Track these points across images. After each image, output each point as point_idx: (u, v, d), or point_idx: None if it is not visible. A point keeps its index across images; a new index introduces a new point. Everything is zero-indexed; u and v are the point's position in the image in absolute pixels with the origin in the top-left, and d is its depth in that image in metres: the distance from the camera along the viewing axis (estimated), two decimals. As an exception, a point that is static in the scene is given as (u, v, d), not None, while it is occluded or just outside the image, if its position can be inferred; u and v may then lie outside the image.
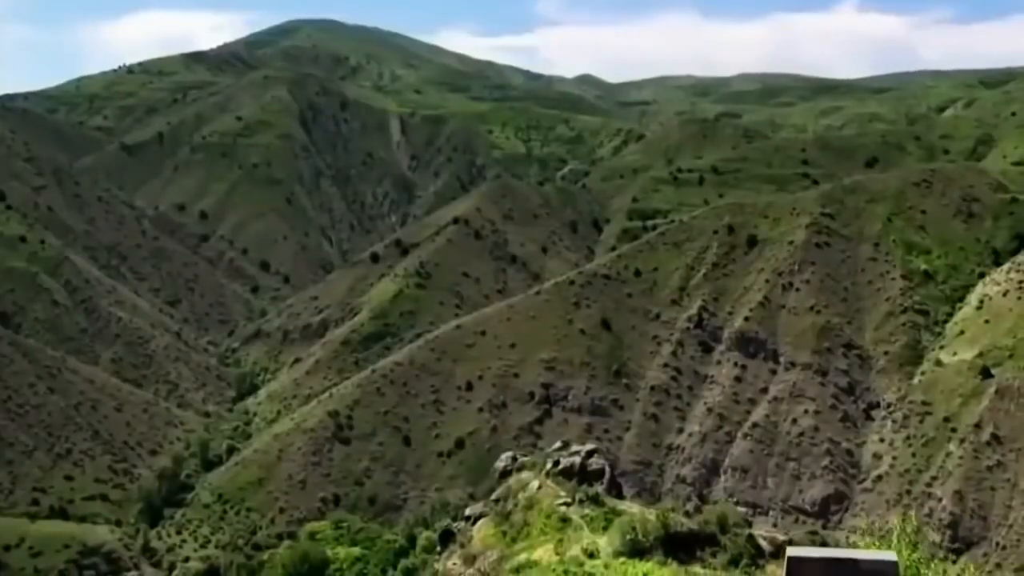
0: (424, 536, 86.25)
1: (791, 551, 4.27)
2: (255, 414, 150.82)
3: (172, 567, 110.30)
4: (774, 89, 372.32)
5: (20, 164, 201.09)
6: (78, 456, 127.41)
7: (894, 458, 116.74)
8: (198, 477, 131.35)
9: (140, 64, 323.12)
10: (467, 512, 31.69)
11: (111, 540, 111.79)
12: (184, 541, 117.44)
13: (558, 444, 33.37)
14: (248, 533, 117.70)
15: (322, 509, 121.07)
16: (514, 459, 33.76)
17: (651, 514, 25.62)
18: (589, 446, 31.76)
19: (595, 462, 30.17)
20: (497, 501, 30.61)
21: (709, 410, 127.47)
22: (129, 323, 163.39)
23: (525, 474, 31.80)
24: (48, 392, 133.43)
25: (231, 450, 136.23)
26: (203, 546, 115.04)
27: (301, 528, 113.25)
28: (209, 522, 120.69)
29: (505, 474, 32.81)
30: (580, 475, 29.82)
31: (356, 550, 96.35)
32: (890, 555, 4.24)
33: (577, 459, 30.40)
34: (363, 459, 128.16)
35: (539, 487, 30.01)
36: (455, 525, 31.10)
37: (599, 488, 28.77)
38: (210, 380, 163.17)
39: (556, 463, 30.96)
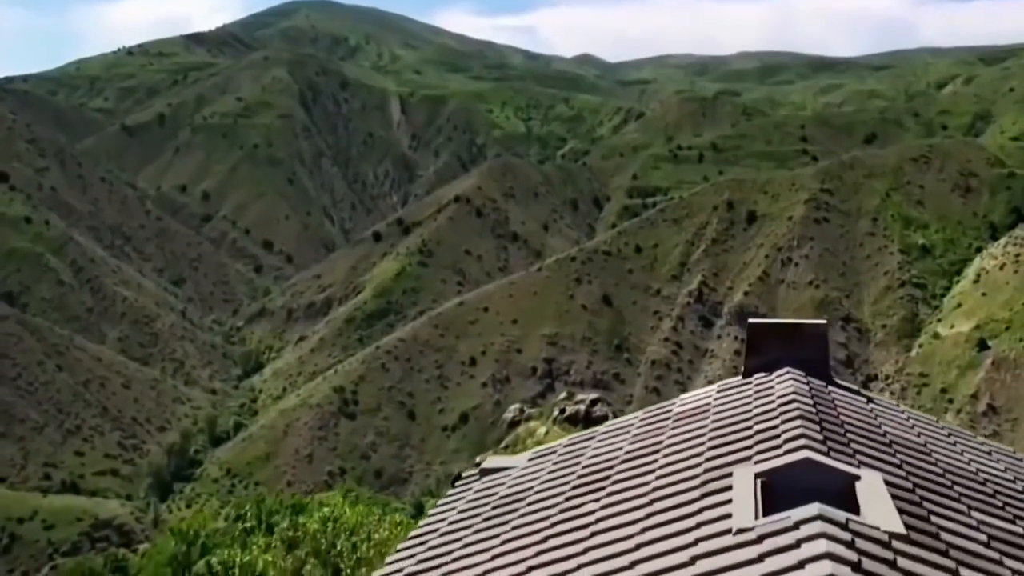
0: (430, 504, 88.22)
1: (752, 320, 5.73)
2: (261, 391, 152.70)
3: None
4: (773, 67, 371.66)
5: (22, 146, 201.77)
6: (87, 432, 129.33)
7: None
8: (206, 452, 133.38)
9: (139, 46, 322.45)
10: (477, 459, 33.17)
11: (122, 514, 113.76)
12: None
13: (563, 394, 34.95)
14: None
15: (329, 483, 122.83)
16: (521, 410, 35.28)
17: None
18: (593, 395, 33.25)
19: (599, 409, 31.64)
20: (506, 447, 32.13)
21: (710, 383, 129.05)
22: (134, 302, 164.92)
23: (532, 423, 33.23)
24: (56, 370, 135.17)
25: (238, 426, 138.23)
26: (213, 519, 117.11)
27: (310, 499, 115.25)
28: (218, 496, 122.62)
29: (513, 424, 34.27)
30: (585, 421, 31.29)
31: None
32: (822, 321, 5.70)
33: (582, 407, 31.86)
34: (368, 434, 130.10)
35: (546, 433, 31.46)
36: (466, 471, 32.65)
37: (603, 432, 30.16)
38: (216, 358, 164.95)
39: (562, 411, 32.41)
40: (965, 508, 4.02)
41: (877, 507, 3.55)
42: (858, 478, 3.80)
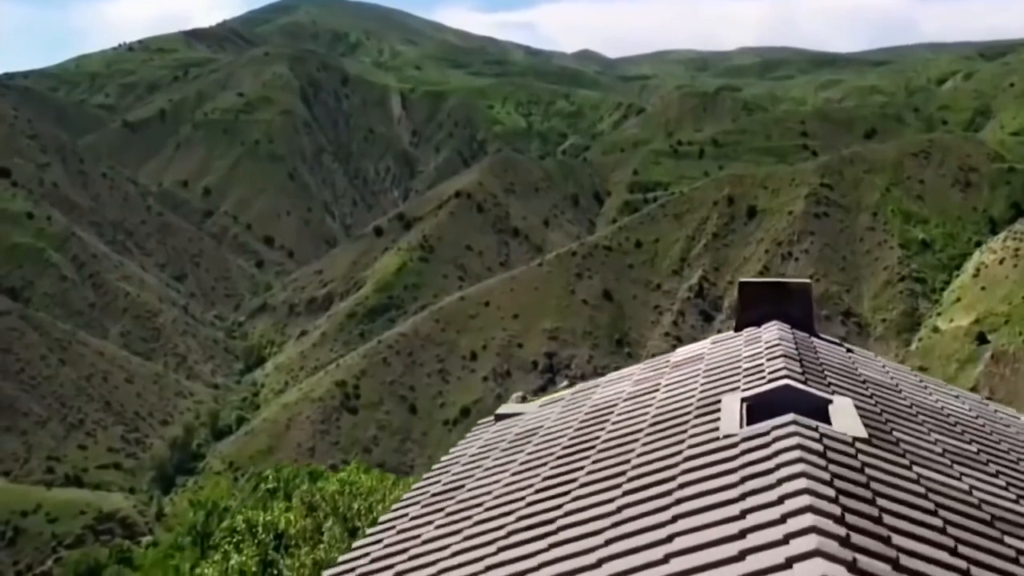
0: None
1: (743, 280, 6.27)
2: (263, 385, 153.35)
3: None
4: (774, 63, 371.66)
5: (24, 141, 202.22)
6: (91, 426, 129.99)
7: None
8: (208, 446, 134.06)
9: (140, 42, 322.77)
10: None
11: (126, 507, 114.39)
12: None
13: (565, 383, 35.57)
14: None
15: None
16: (523, 398, 35.82)
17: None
18: (594, 383, 33.78)
19: (600, 396, 32.10)
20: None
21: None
22: (137, 297, 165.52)
23: (535, 410, 33.72)
24: (60, 364, 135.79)
25: (240, 420, 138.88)
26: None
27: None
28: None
29: (516, 411, 34.80)
30: (587, 408, 31.74)
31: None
32: (807, 280, 6.24)
33: (584, 394, 32.30)
34: (370, 427, 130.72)
35: (548, 419, 31.91)
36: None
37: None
38: (218, 353, 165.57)
39: (564, 398, 32.85)
40: (926, 430, 4.57)
41: (845, 420, 4.10)
42: (831, 401, 4.34)
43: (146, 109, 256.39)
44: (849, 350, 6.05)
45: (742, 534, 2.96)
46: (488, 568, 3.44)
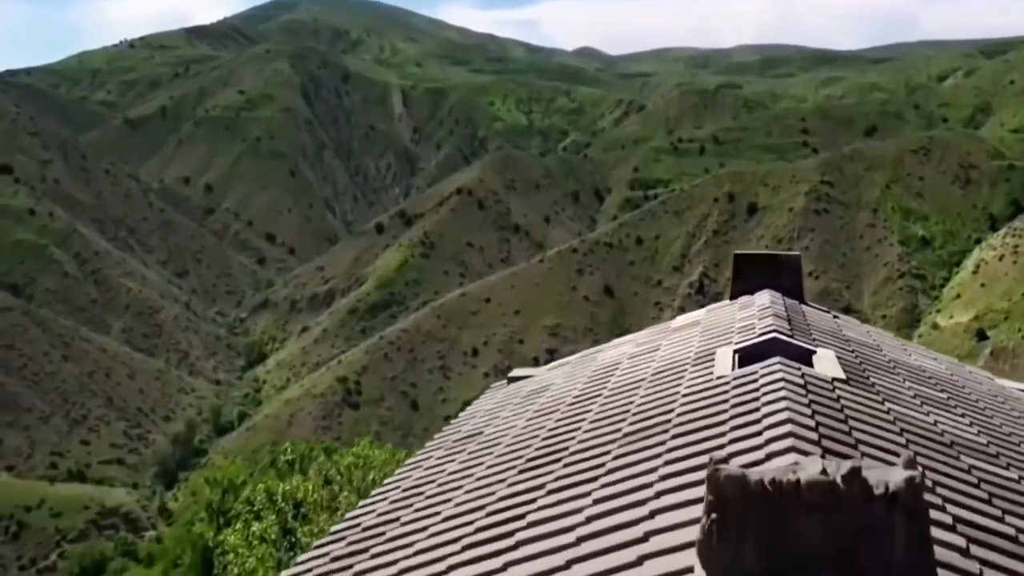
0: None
1: (737, 252, 6.76)
2: (265, 381, 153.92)
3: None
4: (774, 60, 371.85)
5: (26, 138, 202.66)
6: (93, 422, 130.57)
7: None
8: (210, 442, 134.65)
9: (141, 39, 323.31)
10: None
11: (128, 502, 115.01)
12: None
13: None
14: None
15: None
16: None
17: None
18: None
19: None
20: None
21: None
22: (139, 294, 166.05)
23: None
24: (62, 360, 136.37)
25: (242, 416, 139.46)
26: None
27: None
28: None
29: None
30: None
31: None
32: (797, 253, 6.72)
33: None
34: (372, 423, 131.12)
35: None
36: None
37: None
38: (220, 349, 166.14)
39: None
40: (900, 379, 5.06)
41: (827, 365, 4.58)
42: (815, 352, 4.82)
43: (147, 106, 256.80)
44: (836, 316, 6.53)
45: (730, 443, 3.45)
46: (510, 485, 3.93)
